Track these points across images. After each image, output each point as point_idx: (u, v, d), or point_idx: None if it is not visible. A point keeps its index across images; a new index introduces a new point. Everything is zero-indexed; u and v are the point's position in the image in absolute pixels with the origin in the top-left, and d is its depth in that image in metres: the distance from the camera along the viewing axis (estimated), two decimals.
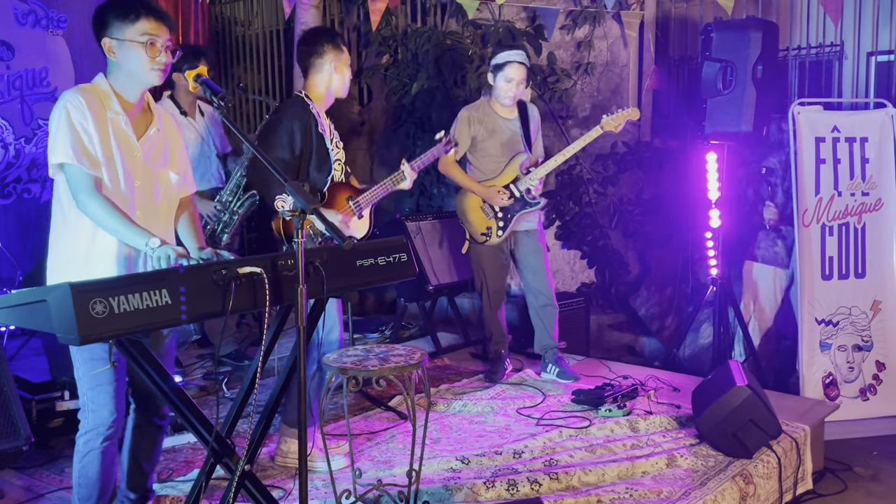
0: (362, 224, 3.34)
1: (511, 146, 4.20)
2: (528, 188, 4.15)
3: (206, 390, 4.16)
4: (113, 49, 2.35)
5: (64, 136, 2.27)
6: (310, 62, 3.23)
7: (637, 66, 5.59)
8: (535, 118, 4.31)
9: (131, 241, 2.28)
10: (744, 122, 4.16)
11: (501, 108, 4.20)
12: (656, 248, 5.46)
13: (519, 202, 4.17)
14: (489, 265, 4.26)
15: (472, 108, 4.25)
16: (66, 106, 2.29)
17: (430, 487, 2.96)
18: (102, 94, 2.38)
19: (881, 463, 3.76)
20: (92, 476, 2.42)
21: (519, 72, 4.07)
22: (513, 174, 4.18)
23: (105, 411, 2.40)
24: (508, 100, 4.12)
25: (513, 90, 4.09)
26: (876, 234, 4.27)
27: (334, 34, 3.31)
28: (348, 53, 3.30)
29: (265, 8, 7.14)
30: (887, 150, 4.26)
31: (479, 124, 4.18)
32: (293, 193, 2.11)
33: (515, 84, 4.08)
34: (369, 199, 3.36)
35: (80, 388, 2.42)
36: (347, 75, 3.28)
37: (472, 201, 4.22)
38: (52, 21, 5.37)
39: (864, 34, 4.89)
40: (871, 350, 4.24)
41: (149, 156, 2.45)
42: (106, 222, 2.27)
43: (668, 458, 3.21)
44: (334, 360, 2.59)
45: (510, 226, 4.19)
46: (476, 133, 4.19)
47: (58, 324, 1.88)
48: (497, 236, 4.19)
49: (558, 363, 4.22)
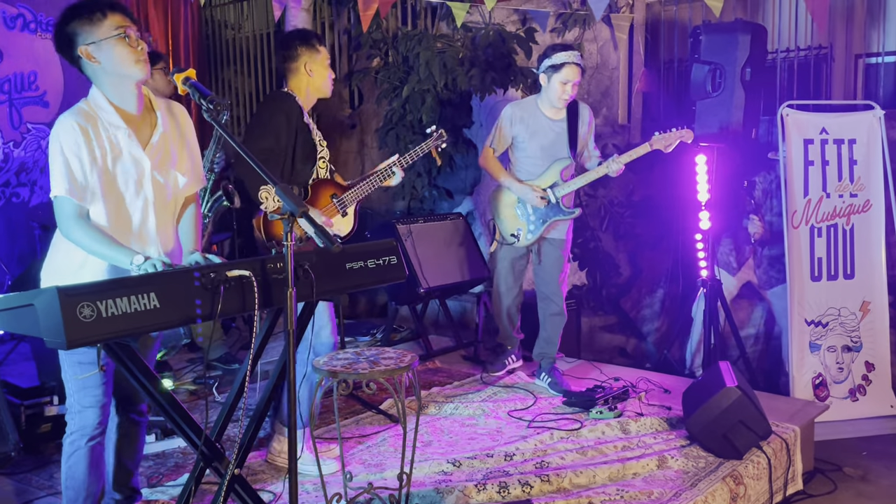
0: (346, 222, 3.32)
1: (553, 150, 4.07)
2: (564, 195, 4.06)
3: (196, 394, 4.15)
4: (92, 54, 2.28)
5: (59, 168, 2.27)
6: (285, 66, 3.22)
7: (627, 68, 5.60)
8: (585, 119, 4.13)
9: (117, 262, 2.27)
10: (733, 124, 4.18)
11: (549, 108, 4.05)
12: (647, 250, 5.47)
13: (553, 209, 4.06)
14: (510, 267, 4.20)
15: (518, 105, 4.13)
16: (60, 136, 2.27)
17: (422, 490, 2.96)
18: (99, 111, 2.33)
19: (871, 463, 3.78)
20: (79, 477, 2.41)
21: (576, 73, 3.92)
22: (552, 179, 4.06)
23: (91, 413, 2.39)
24: (562, 102, 3.98)
25: (568, 93, 3.95)
26: (864, 235, 4.29)
27: (308, 35, 3.26)
28: (327, 52, 3.27)
29: (255, 11, 7.13)
30: (875, 152, 4.29)
31: (522, 124, 4.06)
32: (282, 196, 2.11)
33: (571, 86, 3.93)
34: (354, 196, 3.32)
35: (67, 390, 2.41)
36: (327, 75, 3.25)
37: (507, 199, 4.14)
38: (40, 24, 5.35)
39: (851, 36, 4.92)
40: (861, 351, 4.26)
41: (157, 162, 2.42)
42: (90, 247, 2.28)
43: (658, 459, 3.22)
44: (325, 363, 2.58)
45: (541, 231, 4.10)
46: (517, 132, 4.08)
47: (45, 328, 1.87)
48: (526, 239, 4.11)
49: (552, 373, 4.17)
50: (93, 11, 2.27)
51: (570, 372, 4.37)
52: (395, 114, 5.83)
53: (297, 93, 3.24)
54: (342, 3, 6.47)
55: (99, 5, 2.28)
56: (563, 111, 4.08)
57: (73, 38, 2.28)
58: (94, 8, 2.28)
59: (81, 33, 2.28)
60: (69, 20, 2.28)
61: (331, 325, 3.21)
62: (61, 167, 2.26)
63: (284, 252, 2.11)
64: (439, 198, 6.09)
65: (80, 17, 2.28)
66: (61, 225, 2.31)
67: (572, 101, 4.08)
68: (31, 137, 5.38)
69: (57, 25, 2.31)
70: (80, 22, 2.27)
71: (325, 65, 3.25)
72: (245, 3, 7.16)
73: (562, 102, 3.99)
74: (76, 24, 2.28)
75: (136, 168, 2.38)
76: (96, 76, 2.34)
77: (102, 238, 2.28)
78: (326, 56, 3.27)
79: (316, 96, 3.29)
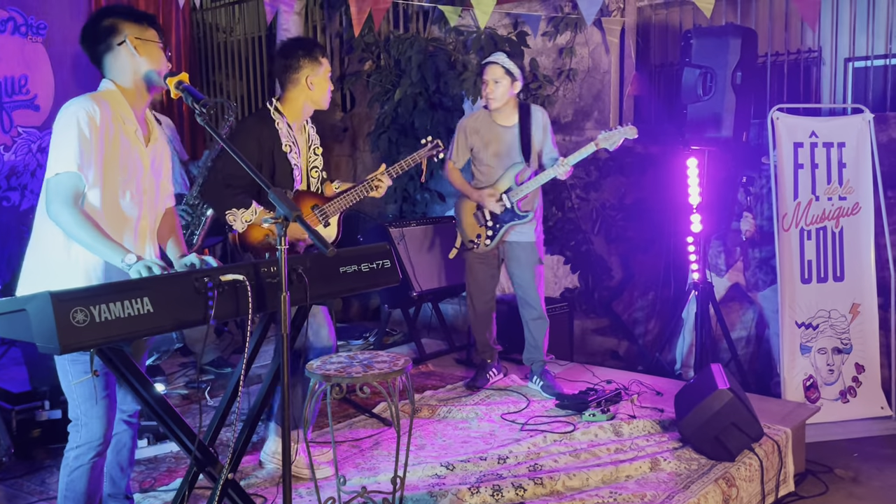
0: (329, 232, 3.25)
1: (507, 156, 4.12)
2: (519, 199, 4.09)
3: (189, 399, 4.13)
4: (139, 48, 2.39)
5: (71, 144, 2.24)
6: (285, 77, 3.16)
7: (618, 72, 5.63)
8: (539, 122, 4.14)
9: (106, 256, 2.24)
10: (724, 127, 4.20)
11: (499, 115, 4.11)
12: (639, 253, 5.49)
13: (508, 213, 4.10)
14: (476, 273, 4.24)
15: (470, 117, 4.21)
16: (79, 114, 2.26)
17: (415, 494, 2.96)
18: (117, 100, 2.39)
19: (861, 464, 3.80)
20: (80, 490, 2.37)
21: (491, 72, 4.00)
22: (507, 184, 4.11)
23: (98, 425, 2.35)
24: (488, 102, 4.07)
25: (491, 91, 4.03)
26: (853, 237, 4.32)
27: (312, 46, 3.21)
28: (328, 64, 3.22)
29: (247, 14, 7.12)
30: (864, 155, 4.32)
31: (476, 135, 4.14)
32: (276, 201, 2.11)
33: (490, 84, 4.01)
34: (337, 207, 3.24)
35: (73, 403, 2.35)
36: (327, 88, 3.21)
37: (466, 207, 4.19)
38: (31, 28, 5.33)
39: (841, 40, 4.96)
40: (851, 353, 4.28)
41: (153, 165, 2.47)
42: (78, 234, 2.22)
43: (651, 461, 3.23)
44: (318, 366, 2.58)
45: (499, 236, 4.14)
46: (473, 143, 4.15)
47: (38, 333, 1.86)
48: (485, 245, 4.15)
49: (544, 377, 4.18)
50: (140, 19, 2.45)
51: (563, 375, 4.38)
52: (387, 117, 5.84)
53: (288, 106, 3.17)
54: (334, 6, 6.47)
55: (146, 17, 2.47)
56: (515, 116, 4.14)
57: (118, 28, 2.40)
58: (141, 17, 2.46)
59: (130, 28, 2.41)
60: (114, 15, 2.43)
61: (328, 326, 3.20)
62: (74, 143, 2.24)
63: (277, 256, 2.11)
64: (431, 201, 6.10)
65: (129, 18, 2.43)
66: (56, 208, 2.22)
67: (524, 105, 4.17)
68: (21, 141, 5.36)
69: (98, 17, 2.44)
70: (129, 21, 2.42)
71: (327, 77, 3.20)
72: (237, 7, 7.16)
73: (488, 103, 4.08)
74: (124, 20, 2.42)
75: (138, 164, 2.41)
76: (123, 68, 2.41)
77: (93, 229, 2.22)
78: (328, 68, 3.21)
79: (313, 108, 3.23)
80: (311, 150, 3.26)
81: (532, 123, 4.14)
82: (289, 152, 3.14)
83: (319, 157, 3.30)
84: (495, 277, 4.31)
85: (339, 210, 3.27)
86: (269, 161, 3.09)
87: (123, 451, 2.60)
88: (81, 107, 2.28)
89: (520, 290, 4.21)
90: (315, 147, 3.28)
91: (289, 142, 3.15)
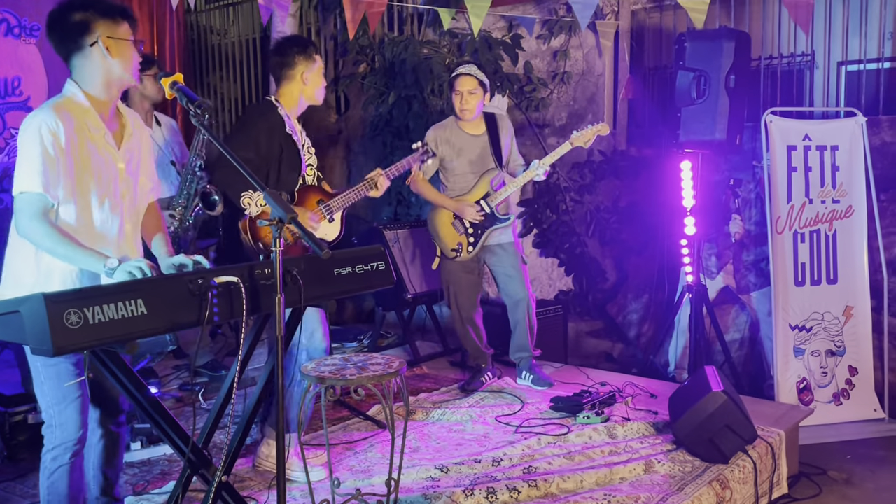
0: (333, 228, 3.33)
1: (481, 163, 4.17)
2: (497, 203, 4.14)
3: (183, 401, 4.12)
4: (112, 49, 2.30)
5: (34, 162, 2.19)
6: (281, 73, 3.23)
7: (612, 75, 5.64)
8: (505, 129, 4.24)
9: (86, 265, 2.22)
10: (717, 130, 4.21)
11: (467, 124, 4.16)
12: (633, 256, 5.50)
13: (489, 218, 4.15)
14: (458, 281, 4.23)
15: (438, 127, 4.22)
16: (41, 129, 2.20)
17: (410, 496, 2.95)
18: (80, 111, 2.31)
19: (854, 467, 3.81)
20: (62, 492, 2.36)
21: (466, 83, 4.01)
22: (483, 190, 4.16)
23: (72, 426, 2.33)
24: (463, 113, 4.08)
25: (465, 102, 4.04)
26: (847, 240, 4.33)
27: (306, 43, 3.28)
28: (322, 62, 3.29)
29: (241, 16, 7.11)
30: (857, 158, 4.33)
31: (446, 144, 4.16)
32: (271, 202, 2.11)
33: (463, 96, 4.02)
34: (340, 203, 3.33)
35: (44, 404, 2.34)
36: (321, 84, 3.27)
37: (442, 217, 4.20)
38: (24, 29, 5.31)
39: (834, 44, 4.98)
40: (844, 355, 4.30)
41: (128, 167, 2.43)
42: (53, 248, 2.20)
43: (645, 464, 3.23)
44: (312, 369, 2.58)
45: (480, 241, 4.17)
46: (444, 153, 4.16)
47: (31, 335, 1.86)
48: (468, 252, 4.17)
49: (533, 370, 4.22)
50: (112, 13, 2.32)
51: (557, 377, 4.37)
52: (381, 120, 5.84)
53: (285, 99, 3.24)
54: (329, 8, 6.46)
55: (118, 9, 2.33)
56: (482, 125, 4.18)
57: (91, 27, 2.29)
58: (113, 11, 2.32)
59: (102, 26, 2.30)
60: (86, 9, 2.29)
61: (322, 328, 3.20)
62: (37, 161, 2.19)
63: (273, 258, 2.11)
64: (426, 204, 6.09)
65: (100, 13, 2.30)
66: (26, 224, 2.20)
67: (489, 114, 4.19)
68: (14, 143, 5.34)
69: (68, 9, 2.30)
70: (100, 17, 2.30)
71: (320, 74, 3.27)
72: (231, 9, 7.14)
73: (462, 114, 4.09)
74: (96, 17, 2.29)
75: (111, 169, 2.37)
76: (93, 71, 2.32)
77: (69, 241, 2.20)
78: (322, 65, 3.29)
79: (307, 104, 3.29)
80: (305, 147, 3.29)
81: (500, 131, 4.21)
82: (293, 135, 3.20)
83: (314, 156, 3.34)
84: (479, 284, 4.32)
85: (344, 206, 3.35)
86: (277, 146, 3.13)
87: (111, 454, 2.58)
88: (44, 121, 2.21)
89: (509, 288, 4.23)
90: (308, 146, 3.32)
91: (291, 128, 3.22)
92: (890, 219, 4.55)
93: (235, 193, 3.02)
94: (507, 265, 4.21)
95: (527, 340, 4.25)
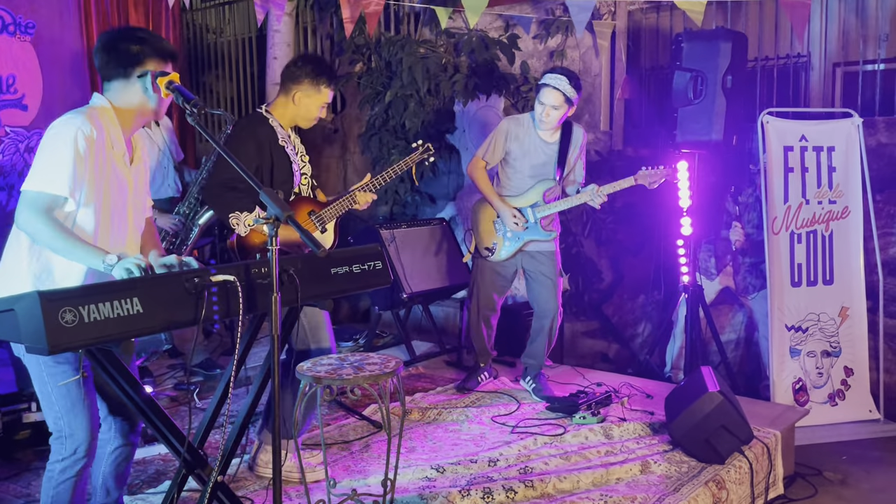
0: (326, 238, 3.28)
1: (542, 170, 4.04)
2: (543, 216, 4.05)
3: (178, 401, 4.11)
4: (158, 86, 2.35)
5: (64, 165, 2.20)
6: (283, 82, 3.21)
7: (609, 75, 5.64)
8: (578, 142, 4.08)
9: (86, 261, 2.21)
10: (714, 130, 4.21)
11: (543, 130, 4.00)
12: (629, 256, 5.50)
13: (531, 229, 4.05)
14: (485, 280, 4.16)
15: (515, 121, 4.07)
16: (77, 135, 2.22)
17: (406, 496, 2.95)
18: (111, 125, 2.35)
19: (850, 467, 3.81)
20: (64, 502, 2.34)
21: (552, 97, 3.84)
22: (534, 199, 4.05)
23: (83, 434, 2.30)
24: (541, 124, 3.95)
25: (547, 115, 3.88)
26: (843, 241, 4.34)
27: (322, 72, 3.16)
28: (330, 96, 3.20)
29: (237, 15, 7.10)
30: (853, 159, 4.34)
31: (517, 141, 4.02)
32: (268, 201, 2.10)
33: (547, 109, 3.87)
34: (332, 213, 3.28)
35: (54, 415, 2.29)
36: (314, 114, 3.20)
37: (487, 213, 4.12)
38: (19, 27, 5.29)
39: (830, 45, 4.99)
40: (840, 356, 4.30)
41: (135, 185, 2.47)
42: (53, 242, 2.20)
43: (641, 464, 3.23)
44: (308, 368, 2.57)
45: (517, 248, 4.08)
46: (511, 149, 4.04)
47: (26, 333, 1.84)
48: (500, 255, 4.09)
49: (538, 379, 4.17)
50: (164, 54, 2.39)
51: (553, 377, 4.37)
52: (377, 119, 5.83)
53: (278, 111, 3.20)
54: (325, 8, 6.45)
55: (169, 52, 2.41)
56: (558, 133, 4.04)
57: (143, 61, 2.35)
58: (165, 53, 2.40)
59: (152, 63, 2.36)
60: (142, 43, 2.36)
61: (327, 328, 3.16)
62: (69, 164, 2.20)
63: (269, 257, 2.10)
64: (422, 203, 6.09)
65: (156, 52, 2.37)
66: (28, 217, 2.19)
67: (567, 122, 4.05)
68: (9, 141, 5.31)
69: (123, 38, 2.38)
70: (154, 55, 2.37)
71: (318, 106, 3.19)
72: (227, 8, 7.13)
73: (541, 124, 3.96)
74: (151, 53, 2.36)
75: (124, 186, 2.41)
76: (130, 99, 2.38)
77: (69, 235, 2.20)
78: (327, 98, 3.19)
79: (295, 122, 3.24)
80: (299, 156, 3.26)
81: (571, 144, 4.07)
82: (286, 147, 3.17)
83: (308, 164, 3.31)
84: (506, 288, 4.24)
85: (336, 215, 3.31)
86: (268, 160, 3.10)
87: (122, 466, 2.56)
88: (79, 127, 2.23)
89: (539, 297, 4.14)
90: (302, 154, 3.29)
91: (284, 139, 3.18)
92: (886, 219, 4.56)
93: (224, 213, 3.00)
94: (544, 271, 4.11)
95: (543, 351, 4.19)
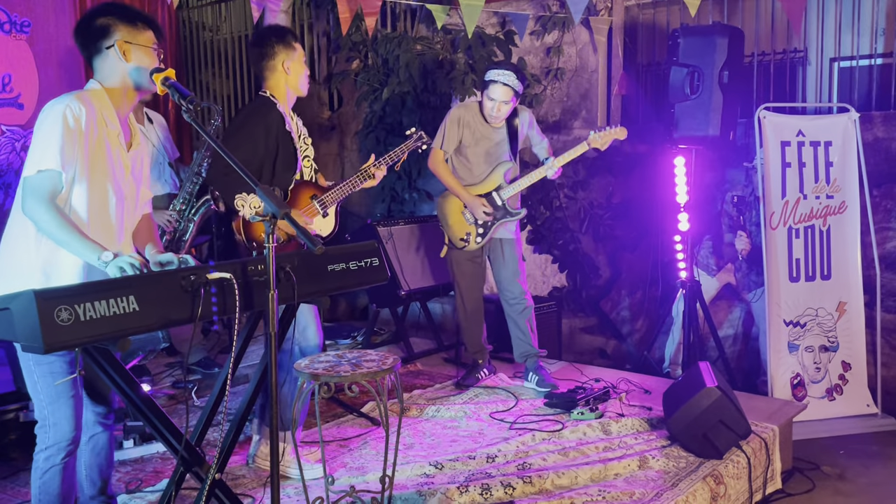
0: (327, 222, 3.30)
1: (497, 154, 4.13)
2: (509, 197, 4.12)
3: (175, 399, 4.10)
4: (128, 52, 2.35)
5: (53, 140, 2.21)
6: (262, 65, 3.18)
7: (606, 71, 5.63)
8: (525, 121, 4.18)
9: (82, 255, 2.21)
10: (711, 126, 4.21)
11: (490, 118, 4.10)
12: (626, 252, 5.50)
13: (500, 210, 4.13)
14: (465, 272, 4.22)
15: (464, 108, 4.16)
16: (65, 112, 2.23)
17: (404, 493, 2.95)
18: (102, 104, 2.35)
19: (848, 462, 3.82)
20: (53, 492, 2.34)
21: (500, 93, 3.94)
22: (495, 183, 4.13)
23: (67, 426, 2.32)
24: (491, 119, 4.04)
25: (497, 110, 3.99)
26: (840, 236, 4.34)
27: (284, 32, 3.22)
28: (302, 49, 3.23)
29: (233, 13, 7.08)
30: (850, 154, 4.34)
31: (468, 128, 4.10)
32: (264, 198, 2.10)
33: (498, 104, 3.97)
34: (334, 197, 3.31)
35: (38, 404, 2.32)
36: (303, 72, 3.22)
37: (454, 205, 4.17)
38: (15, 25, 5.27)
39: (826, 40, 4.98)
40: (837, 351, 4.31)
41: (133, 170, 2.46)
42: (54, 232, 2.20)
43: (640, 459, 3.23)
44: (306, 365, 2.57)
45: (489, 233, 4.15)
46: (464, 137, 4.11)
47: (21, 332, 1.84)
48: (476, 243, 4.15)
49: (538, 371, 4.18)
50: (135, 19, 2.38)
51: (552, 374, 4.37)
52: (374, 116, 5.82)
53: (276, 93, 3.21)
54: (321, 5, 6.44)
55: (142, 17, 2.40)
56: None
57: (111, 31, 2.35)
58: (136, 17, 2.39)
59: (122, 31, 2.36)
60: (108, 14, 2.36)
61: (315, 324, 3.18)
62: (57, 139, 2.21)
63: (266, 254, 2.10)
64: (420, 200, 6.09)
65: (123, 19, 2.36)
66: (32, 204, 2.20)
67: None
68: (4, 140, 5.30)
69: (92, 15, 2.37)
70: (122, 22, 2.36)
71: (302, 62, 3.22)
72: (223, 5, 7.11)
73: (493, 120, 4.05)
74: (117, 22, 2.35)
75: (120, 169, 2.39)
76: (110, 74, 2.37)
77: (69, 227, 2.20)
78: (303, 53, 3.24)
79: (294, 95, 3.25)
80: (301, 139, 3.26)
81: (519, 124, 4.16)
82: (293, 135, 3.18)
83: (310, 147, 3.31)
84: (483, 275, 4.31)
85: (337, 200, 3.32)
86: (273, 145, 3.11)
87: (102, 453, 2.56)
88: (67, 105, 2.25)
89: (506, 283, 4.21)
90: (305, 137, 3.29)
91: (289, 124, 3.19)
92: (883, 214, 4.56)
93: (228, 195, 3.00)
94: (506, 261, 4.19)
95: (530, 341, 4.22)
